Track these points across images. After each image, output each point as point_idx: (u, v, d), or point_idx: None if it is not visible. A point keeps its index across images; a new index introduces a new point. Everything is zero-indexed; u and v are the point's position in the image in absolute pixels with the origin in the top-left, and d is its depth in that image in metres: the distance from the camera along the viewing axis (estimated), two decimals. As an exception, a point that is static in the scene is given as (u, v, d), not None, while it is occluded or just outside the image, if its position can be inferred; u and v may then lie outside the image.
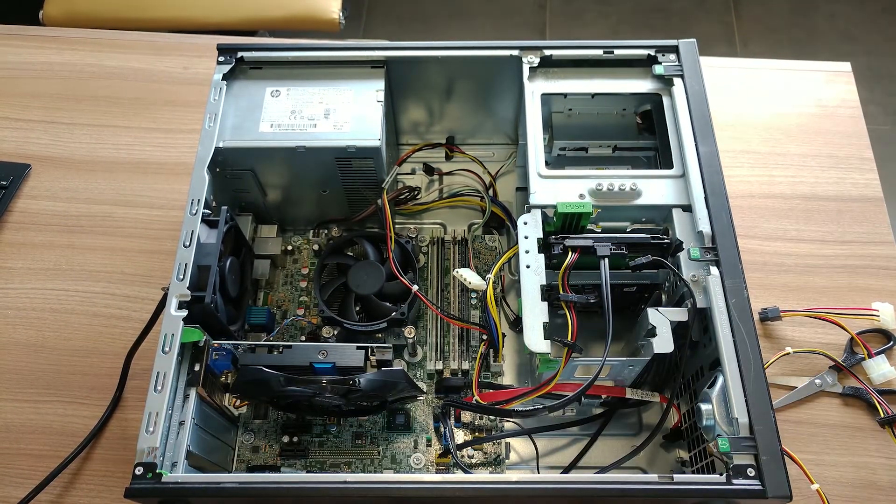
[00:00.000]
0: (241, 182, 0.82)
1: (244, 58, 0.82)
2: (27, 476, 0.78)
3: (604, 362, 0.65)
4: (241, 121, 0.79)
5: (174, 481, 0.60)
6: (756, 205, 0.95)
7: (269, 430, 0.80)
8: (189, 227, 0.71)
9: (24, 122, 1.04)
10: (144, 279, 0.90)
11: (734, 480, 0.58)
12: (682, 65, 0.80)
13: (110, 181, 0.99)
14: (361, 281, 0.81)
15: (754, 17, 2.19)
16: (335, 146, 0.77)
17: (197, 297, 0.68)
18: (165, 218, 0.95)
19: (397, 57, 0.82)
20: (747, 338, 0.64)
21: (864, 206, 0.95)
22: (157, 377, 0.64)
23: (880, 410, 0.80)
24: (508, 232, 0.90)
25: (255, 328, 0.83)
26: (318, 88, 0.81)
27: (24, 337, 0.87)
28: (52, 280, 0.91)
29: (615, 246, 0.68)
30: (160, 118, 1.04)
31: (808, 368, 0.84)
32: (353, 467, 0.78)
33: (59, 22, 1.52)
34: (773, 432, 0.60)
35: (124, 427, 0.81)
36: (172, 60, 1.10)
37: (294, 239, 0.91)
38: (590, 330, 0.73)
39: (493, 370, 0.81)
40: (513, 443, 0.79)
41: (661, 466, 0.78)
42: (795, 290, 0.89)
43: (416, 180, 0.97)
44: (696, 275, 0.68)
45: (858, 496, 0.77)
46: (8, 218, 0.96)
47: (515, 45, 0.82)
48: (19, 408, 0.82)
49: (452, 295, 0.86)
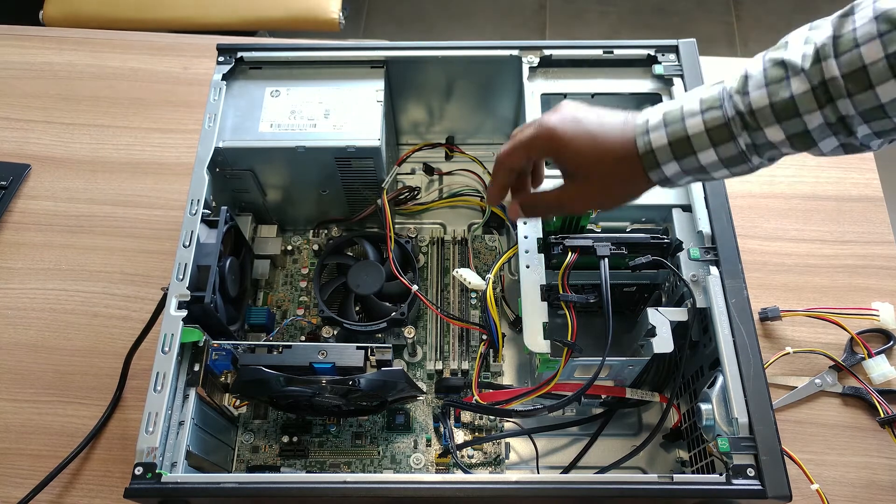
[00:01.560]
0: (240, 182, 0.82)
1: (244, 58, 0.82)
2: (27, 476, 0.78)
3: (604, 362, 0.65)
4: (241, 121, 0.79)
5: (174, 481, 0.60)
6: (756, 205, 0.95)
7: (269, 430, 0.80)
8: (189, 227, 0.71)
9: (24, 122, 1.04)
10: (144, 279, 0.90)
11: (734, 480, 0.58)
12: (682, 65, 0.80)
13: (110, 181, 0.99)
14: (361, 281, 0.81)
15: (754, 17, 2.19)
16: (335, 146, 0.77)
17: (197, 297, 0.68)
18: (165, 218, 0.95)
19: (397, 57, 0.82)
20: (747, 338, 0.64)
21: (864, 206, 0.95)
22: (156, 377, 0.64)
23: (880, 410, 0.80)
24: (508, 232, 0.90)
25: (255, 328, 0.83)
26: (318, 88, 0.81)
27: (24, 337, 0.87)
28: (52, 280, 0.91)
29: (615, 246, 0.68)
30: (160, 118, 1.04)
31: (808, 368, 0.84)
32: (352, 467, 0.78)
33: (59, 22, 1.52)
34: (773, 432, 0.60)
35: (124, 427, 0.81)
36: (172, 60, 1.10)
37: (294, 239, 0.91)
38: (590, 330, 0.73)
39: (493, 370, 0.81)
40: (513, 443, 0.79)
41: (661, 466, 0.78)
42: (795, 290, 0.89)
43: (416, 180, 0.97)
44: (696, 275, 0.68)
45: (858, 496, 0.77)
46: (8, 218, 0.96)
47: (515, 45, 0.82)
48: (19, 408, 0.82)
49: (452, 295, 0.86)
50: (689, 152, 0.56)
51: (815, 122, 0.52)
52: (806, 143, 0.53)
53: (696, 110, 0.56)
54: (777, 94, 0.52)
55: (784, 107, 0.52)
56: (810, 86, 0.51)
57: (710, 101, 0.56)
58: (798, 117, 0.52)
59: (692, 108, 0.56)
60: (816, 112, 0.51)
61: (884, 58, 0.48)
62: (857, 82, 0.49)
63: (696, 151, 0.56)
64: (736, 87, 0.55)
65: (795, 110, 0.52)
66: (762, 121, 0.53)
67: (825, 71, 0.50)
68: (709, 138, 0.55)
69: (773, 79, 0.52)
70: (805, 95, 0.51)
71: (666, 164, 0.57)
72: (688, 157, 0.56)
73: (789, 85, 0.51)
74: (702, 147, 0.56)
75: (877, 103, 0.49)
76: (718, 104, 0.55)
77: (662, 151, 0.57)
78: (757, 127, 0.53)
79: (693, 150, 0.56)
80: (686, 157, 0.56)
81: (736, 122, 0.54)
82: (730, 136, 0.55)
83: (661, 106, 0.59)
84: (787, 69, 0.52)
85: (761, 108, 0.53)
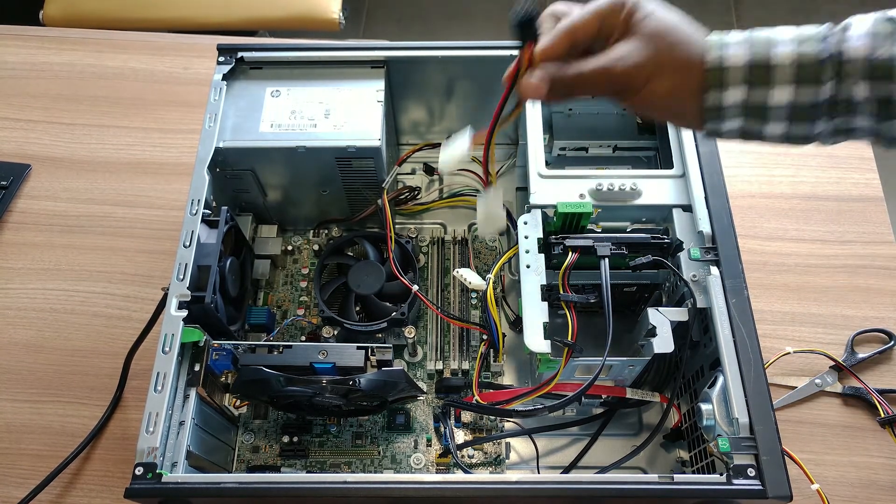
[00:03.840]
0: (241, 182, 0.82)
1: (244, 58, 0.82)
2: (27, 476, 0.78)
3: (604, 362, 0.65)
4: (242, 121, 0.79)
5: (174, 481, 0.60)
6: (756, 205, 0.95)
7: (269, 430, 0.80)
8: (189, 227, 0.71)
9: (24, 123, 1.04)
10: (144, 279, 0.90)
11: (734, 480, 0.58)
12: (682, 65, 0.79)
13: (110, 181, 0.99)
14: (361, 281, 0.81)
15: (754, 17, 2.19)
16: (335, 146, 0.77)
17: (197, 298, 0.68)
18: (165, 218, 0.95)
19: (397, 57, 0.82)
20: (747, 338, 0.64)
21: (864, 206, 0.95)
22: (157, 377, 0.64)
23: (880, 410, 0.80)
24: (508, 232, 0.90)
25: (255, 328, 0.83)
26: (318, 88, 0.81)
27: (24, 337, 0.87)
28: (52, 280, 0.91)
29: (615, 246, 0.68)
30: (160, 118, 1.04)
31: (808, 368, 0.84)
32: (353, 467, 0.78)
33: (59, 22, 1.52)
34: (774, 432, 0.60)
35: (124, 427, 0.81)
36: (172, 60, 1.10)
37: (294, 239, 0.91)
38: (590, 330, 0.73)
39: (493, 370, 0.81)
40: (513, 443, 0.79)
41: (662, 466, 0.78)
42: (795, 290, 0.89)
43: (416, 180, 0.97)
44: (696, 275, 0.68)
45: (859, 496, 0.77)
46: (8, 218, 0.96)
47: (515, 45, 0.81)
48: (19, 408, 0.82)
49: (452, 295, 0.86)
50: (765, 82, 0.50)
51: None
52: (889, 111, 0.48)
53: (790, 39, 0.50)
54: (879, 49, 0.47)
55: (881, 66, 0.47)
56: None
57: (811, 35, 0.50)
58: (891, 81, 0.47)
59: (785, 38, 0.50)
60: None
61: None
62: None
63: (773, 83, 0.50)
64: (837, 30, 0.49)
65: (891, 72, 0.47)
66: (853, 72, 0.48)
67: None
68: (795, 72, 0.49)
69: (880, 32, 0.48)
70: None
71: (732, 88, 0.50)
72: (760, 88, 0.50)
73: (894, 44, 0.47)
74: (782, 80, 0.50)
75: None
76: (822, 38, 0.49)
77: (735, 71, 0.50)
78: (845, 77, 0.48)
79: (770, 80, 0.50)
80: (759, 86, 0.50)
81: (832, 65, 0.49)
82: (817, 77, 0.49)
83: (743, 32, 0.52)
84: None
85: (857, 60, 0.48)
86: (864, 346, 0.85)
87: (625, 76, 0.51)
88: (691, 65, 0.50)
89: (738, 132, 0.53)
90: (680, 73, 0.51)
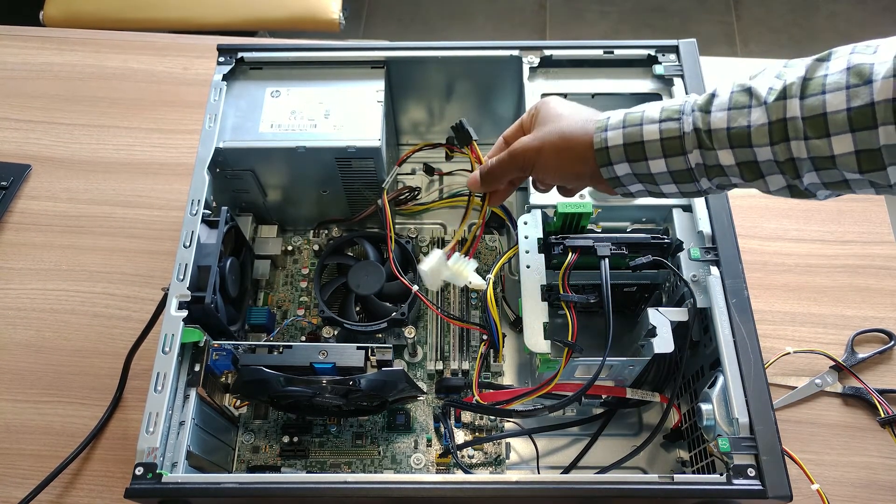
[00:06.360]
0: (241, 182, 0.82)
1: (244, 58, 0.82)
2: (27, 476, 0.78)
3: (604, 362, 0.65)
4: (242, 121, 0.79)
5: (174, 481, 0.60)
6: (756, 205, 0.95)
7: (270, 430, 0.80)
8: (189, 227, 0.71)
9: (24, 123, 1.04)
10: (144, 279, 0.91)
11: (734, 480, 0.58)
12: (682, 65, 0.80)
13: (110, 181, 0.99)
14: (361, 281, 0.81)
15: (754, 17, 2.19)
16: (335, 146, 0.77)
17: (197, 298, 0.68)
18: (165, 218, 0.95)
19: (397, 57, 0.82)
20: (747, 338, 0.64)
21: (864, 206, 0.95)
22: (157, 377, 0.64)
23: (880, 410, 0.80)
24: (508, 232, 0.90)
25: (256, 328, 0.83)
26: (318, 88, 0.81)
27: (24, 337, 0.87)
28: (52, 280, 0.91)
29: (615, 246, 0.68)
30: (160, 118, 1.04)
31: (808, 368, 0.84)
32: (353, 467, 0.78)
33: (59, 22, 1.52)
34: (774, 432, 0.60)
35: (124, 427, 0.81)
36: (172, 61, 1.10)
37: (294, 239, 0.91)
38: (590, 330, 0.73)
39: (493, 370, 0.82)
40: (513, 443, 0.79)
41: (662, 466, 0.78)
42: (795, 290, 0.89)
43: (416, 180, 0.97)
44: (696, 275, 0.68)
45: (859, 496, 0.77)
46: (8, 218, 0.96)
47: (515, 45, 0.82)
48: (19, 408, 0.82)
49: (452, 295, 0.86)
50: (642, 157, 0.57)
51: (764, 157, 0.52)
52: (754, 173, 0.54)
53: (655, 118, 0.57)
54: (736, 119, 0.53)
55: (739, 134, 0.53)
56: (767, 120, 0.51)
57: (670, 112, 0.57)
58: (749, 147, 0.53)
59: (652, 115, 0.58)
60: (767, 147, 0.52)
61: (845, 110, 0.48)
62: (815, 128, 0.49)
63: (647, 158, 0.57)
64: (701, 104, 0.55)
65: (748, 140, 0.52)
66: (717, 142, 0.54)
67: (787, 109, 0.50)
68: (661, 147, 0.57)
69: (736, 104, 0.53)
70: (761, 128, 0.52)
71: (618, 164, 0.59)
72: (640, 162, 0.58)
73: (750, 114, 0.52)
74: (654, 155, 0.57)
75: (829, 154, 0.49)
76: (677, 116, 0.56)
77: (616, 151, 0.58)
78: (711, 147, 0.54)
79: (645, 155, 0.57)
80: (638, 161, 0.58)
81: (691, 138, 0.55)
82: (682, 149, 0.56)
83: (627, 109, 0.60)
84: (752, 98, 0.52)
85: (718, 130, 0.54)
86: (864, 346, 0.85)
87: (521, 155, 0.63)
88: (574, 143, 0.60)
89: (645, 192, 0.61)
90: (565, 150, 0.61)
